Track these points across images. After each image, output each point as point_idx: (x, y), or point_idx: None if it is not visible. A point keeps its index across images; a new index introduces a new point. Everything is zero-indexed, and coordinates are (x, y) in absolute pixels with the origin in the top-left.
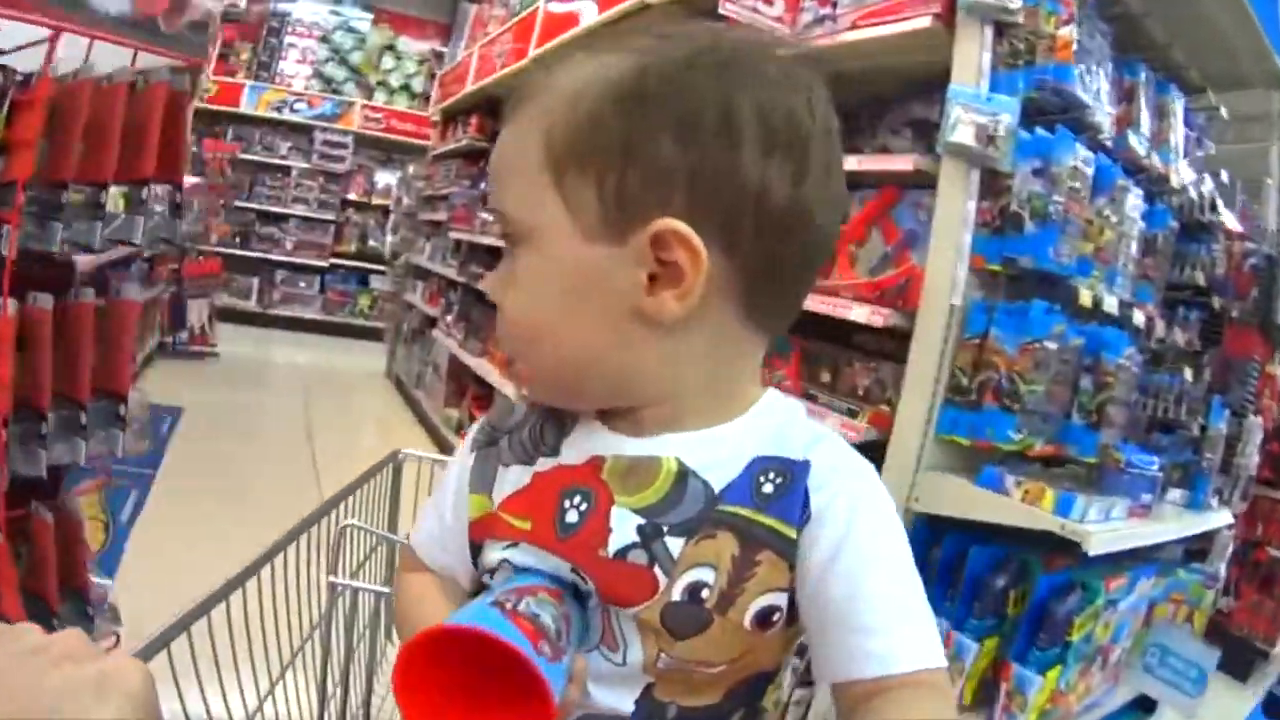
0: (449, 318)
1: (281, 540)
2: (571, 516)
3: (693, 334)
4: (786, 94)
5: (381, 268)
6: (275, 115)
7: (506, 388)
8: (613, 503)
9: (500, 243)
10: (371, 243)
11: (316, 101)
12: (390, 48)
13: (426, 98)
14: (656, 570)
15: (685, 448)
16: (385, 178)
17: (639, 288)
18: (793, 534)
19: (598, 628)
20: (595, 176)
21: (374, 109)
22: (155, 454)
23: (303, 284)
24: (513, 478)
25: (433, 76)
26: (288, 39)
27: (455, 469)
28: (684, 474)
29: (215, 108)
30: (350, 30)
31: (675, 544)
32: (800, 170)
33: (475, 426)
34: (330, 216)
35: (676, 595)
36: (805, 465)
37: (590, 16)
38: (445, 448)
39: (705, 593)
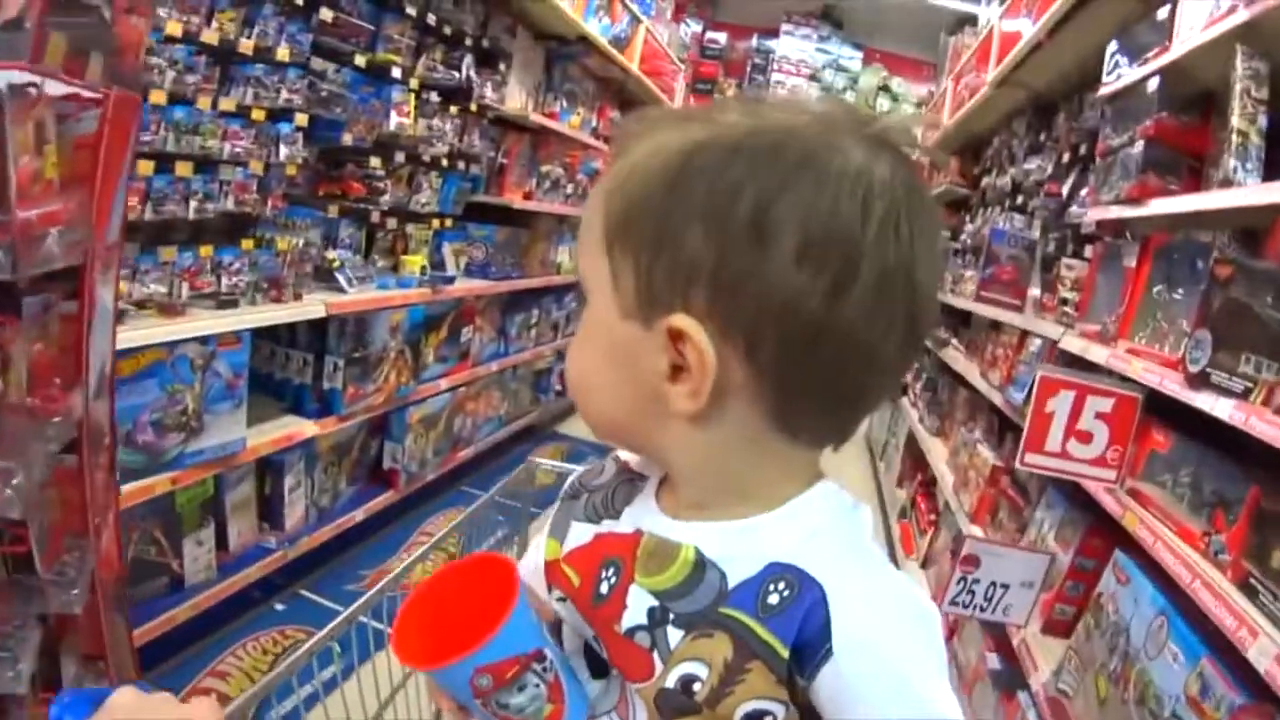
0: (917, 386)
1: (424, 550)
2: (604, 587)
3: (712, 429)
4: (839, 194)
5: None
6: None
7: (947, 476)
8: (632, 581)
9: None
10: None
11: None
12: (885, 88)
13: None
14: (655, 656)
15: (706, 537)
16: None
17: (661, 374)
18: (785, 653)
19: (615, 693)
20: (634, 257)
21: None
22: None
23: None
24: (579, 533)
25: None
26: (774, 75)
27: (549, 514)
28: (701, 563)
29: None
30: (840, 69)
31: (675, 635)
32: (841, 283)
33: (571, 479)
34: None
35: (670, 683)
36: (818, 589)
37: (1028, 32)
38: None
39: (697, 686)
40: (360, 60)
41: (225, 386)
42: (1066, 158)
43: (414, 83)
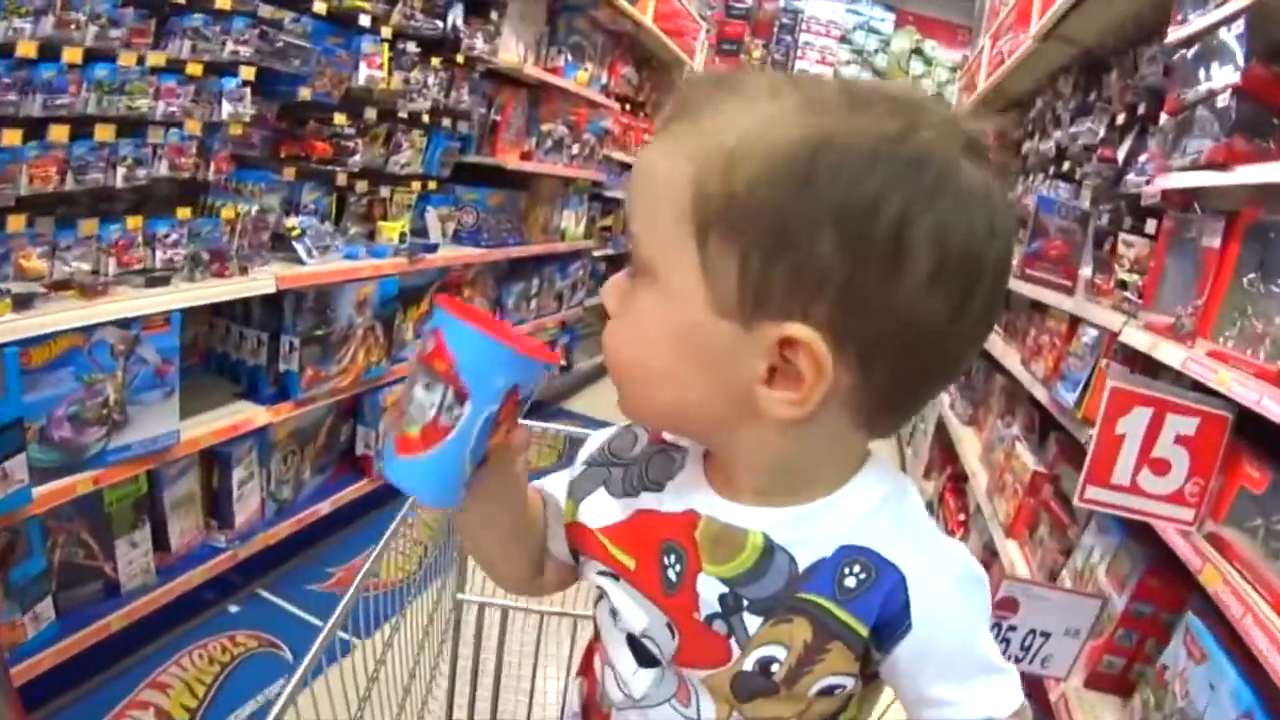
0: None
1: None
2: (672, 575)
3: (798, 431)
4: (973, 215)
5: None
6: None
7: (979, 475)
8: (700, 569)
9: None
10: None
11: None
12: (918, 51)
13: None
14: (733, 642)
15: (774, 523)
16: None
17: (755, 377)
18: (865, 632)
19: (672, 682)
20: (740, 253)
21: None
22: None
23: None
24: (610, 507)
25: None
26: (803, 37)
27: (564, 478)
28: (770, 549)
29: None
30: (872, 30)
31: (753, 621)
32: (962, 305)
33: (595, 444)
34: None
35: (748, 666)
36: (896, 573)
37: None
38: None
39: (775, 667)
40: (320, 7)
41: (153, 374)
42: (1122, 119)
43: (386, 32)
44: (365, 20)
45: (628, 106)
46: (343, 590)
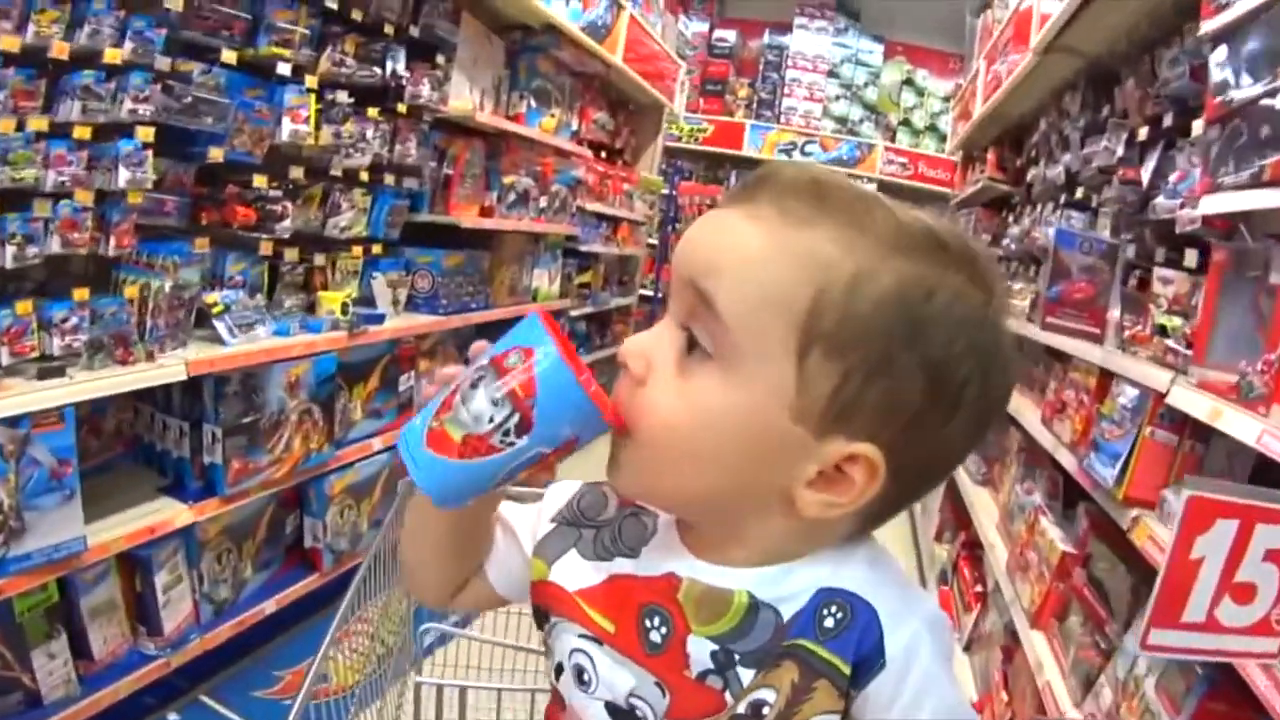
0: None
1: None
2: (655, 637)
3: (813, 526)
4: (1009, 374)
5: None
6: (785, 159)
7: (998, 548)
8: (689, 631)
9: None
10: None
11: (831, 144)
12: (909, 82)
13: None
14: (727, 694)
15: (758, 582)
16: None
17: (803, 478)
18: (847, 670)
19: None
20: (842, 371)
21: (898, 152)
22: None
23: None
24: (584, 570)
25: None
26: (790, 73)
27: (529, 521)
28: (755, 606)
29: (712, 149)
30: (860, 63)
31: (747, 674)
32: (981, 438)
33: (562, 499)
34: None
35: (740, 710)
36: (869, 607)
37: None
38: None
39: (766, 710)
40: (230, 56)
41: (48, 476)
42: (1144, 134)
43: (312, 81)
44: (285, 69)
45: (603, 153)
46: (292, 696)
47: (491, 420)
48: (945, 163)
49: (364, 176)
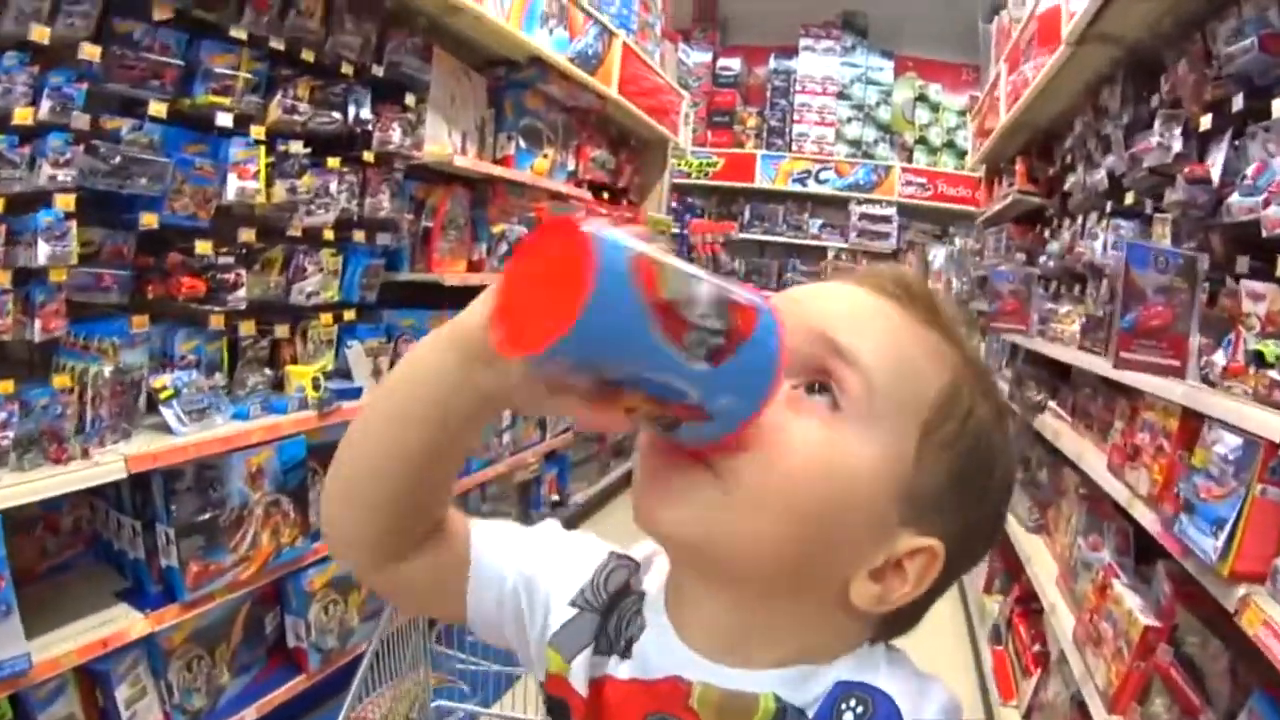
0: None
1: None
2: None
3: (851, 615)
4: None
5: None
6: (800, 188)
7: (1060, 610)
8: None
9: None
10: None
11: (846, 169)
12: (922, 98)
13: None
14: None
15: (780, 684)
16: (942, 257)
17: (870, 565)
18: None
19: None
20: (948, 464)
21: (916, 172)
22: None
23: None
24: (587, 666)
25: None
26: (798, 99)
27: (549, 572)
28: (783, 709)
29: (724, 184)
30: (871, 82)
31: None
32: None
33: (586, 573)
34: None
35: None
36: (889, 699)
37: None
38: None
39: None
40: (159, 108)
41: None
42: (1207, 122)
43: (259, 131)
44: (226, 120)
45: (605, 194)
46: None
47: (702, 318)
48: (966, 180)
49: (329, 235)
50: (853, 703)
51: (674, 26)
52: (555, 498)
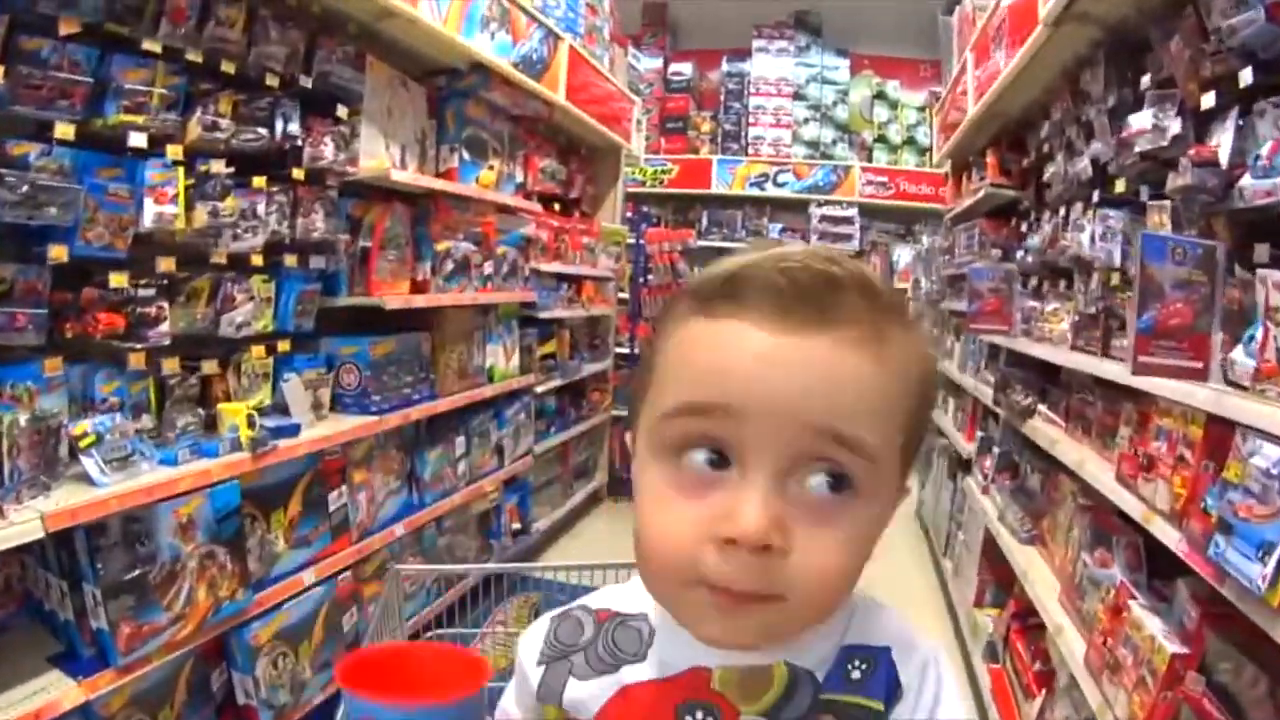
0: (986, 463)
1: None
2: None
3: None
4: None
5: None
6: (758, 193)
7: (1068, 625)
8: (738, 714)
9: None
10: None
11: (805, 171)
12: (880, 96)
13: None
14: None
15: (787, 651)
16: (907, 256)
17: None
18: (880, 706)
19: None
20: (918, 439)
21: (876, 172)
22: None
23: None
24: (591, 689)
25: None
26: (753, 100)
27: (518, 687)
28: (794, 673)
29: (679, 191)
30: (827, 82)
31: None
32: None
33: (539, 642)
34: None
35: None
36: (886, 650)
37: None
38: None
39: None
40: (65, 130)
41: None
42: (1210, 100)
43: (176, 151)
44: (140, 140)
45: (557, 206)
46: None
47: None
48: (929, 177)
49: (258, 260)
50: (858, 663)
51: (623, 32)
52: (517, 526)
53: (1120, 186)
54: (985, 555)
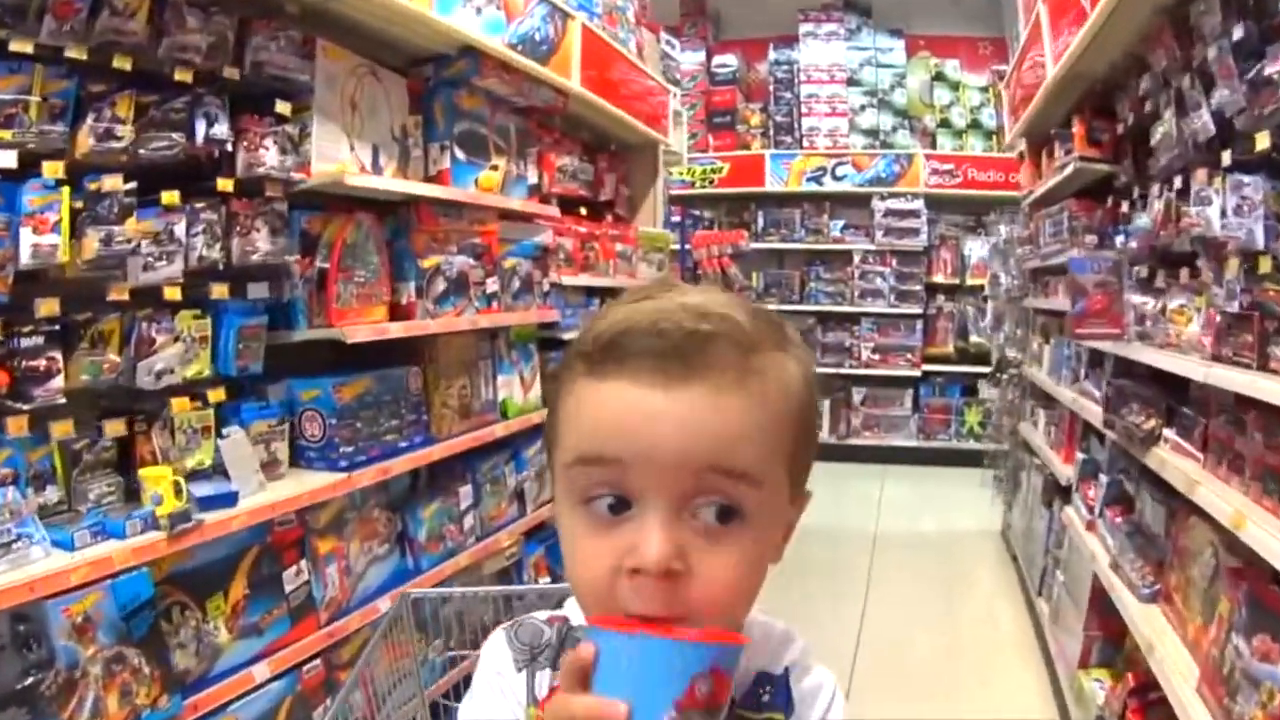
0: (1090, 493)
1: None
2: None
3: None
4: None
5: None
6: (815, 188)
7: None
8: None
9: None
10: (975, 337)
11: (865, 162)
12: (939, 77)
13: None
14: None
15: None
16: (979, 249)
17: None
18: (782, 718)
19: None
20: (806, 450)
21: (942, 159)
22: None
23: (890, 402)
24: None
25: None
26: (805, 90)
27: (499, 698)
28: None
29: (732, 190)
30: (882, 65)
31: None
32: None
33: (506, 650)
34: (914, 309)
35: None
36: (785, 673)
37: None
38: None
39: None
40: None
41: None
42: None
43: (57, 169)
44: (9, 159)
45: (583, 210)
46: None
47: None
48: (999, 162)
49: (172, 294)
50: (767, 687)
51: (658, 20)
52: (546, 580)
53: (1261, 143)
54: (1094, 610)
